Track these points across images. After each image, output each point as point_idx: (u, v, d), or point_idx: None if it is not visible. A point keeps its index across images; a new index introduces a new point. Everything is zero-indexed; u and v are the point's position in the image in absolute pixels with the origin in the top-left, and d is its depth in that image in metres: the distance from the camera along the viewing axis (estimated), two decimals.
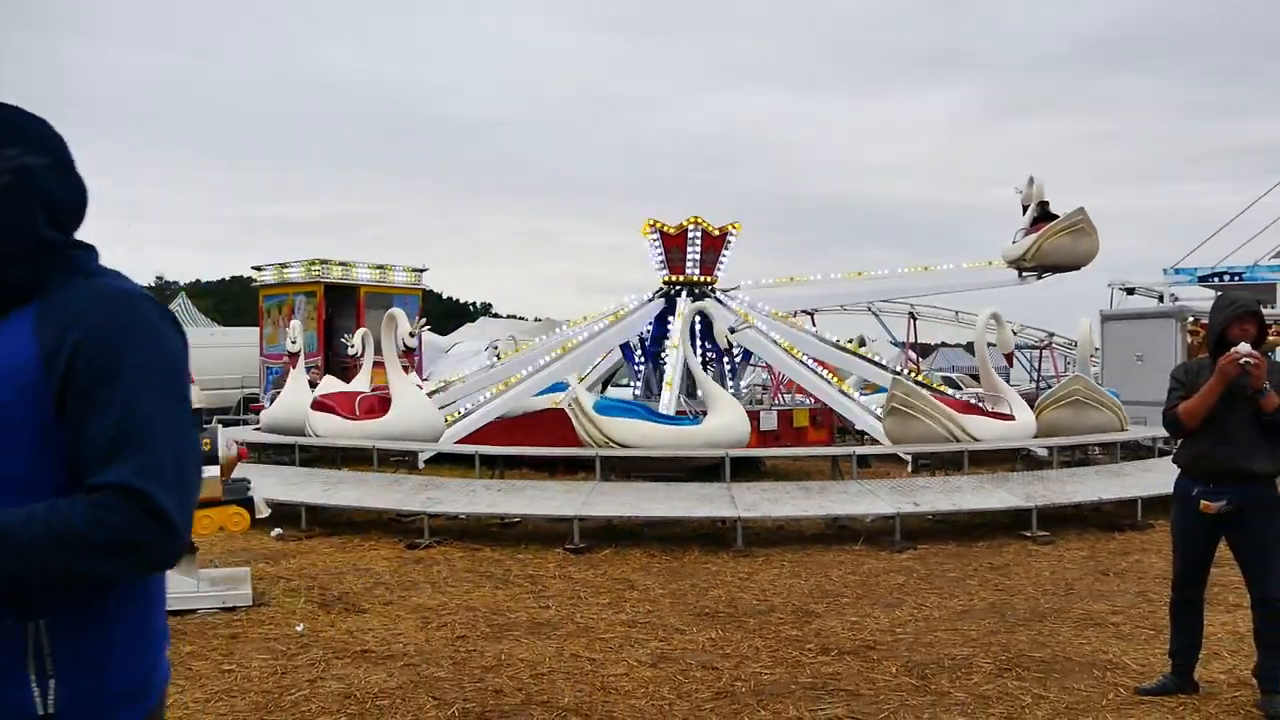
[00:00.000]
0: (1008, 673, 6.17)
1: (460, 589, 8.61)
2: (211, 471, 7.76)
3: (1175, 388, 5.58)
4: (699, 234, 17.25)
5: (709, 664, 6.42)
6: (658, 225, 17.49)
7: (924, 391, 13.32)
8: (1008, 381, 16.40)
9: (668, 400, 14.72)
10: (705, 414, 13.02)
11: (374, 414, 13.82)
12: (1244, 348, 5.21)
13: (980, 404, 14.10)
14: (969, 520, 11.31)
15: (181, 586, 7.67)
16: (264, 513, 8.20)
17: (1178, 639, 5.74)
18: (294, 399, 15.12)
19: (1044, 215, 16.70)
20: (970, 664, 6.36)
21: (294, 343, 16.42)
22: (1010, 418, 13.39)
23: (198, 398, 8.19)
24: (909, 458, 13.36)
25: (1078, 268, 16.92)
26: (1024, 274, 17.15)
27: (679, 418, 13.30)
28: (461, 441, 14.17)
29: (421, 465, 13.61)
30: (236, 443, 8.41)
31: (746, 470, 14.66)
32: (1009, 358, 14.70)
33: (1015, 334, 14.95)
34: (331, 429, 13.78)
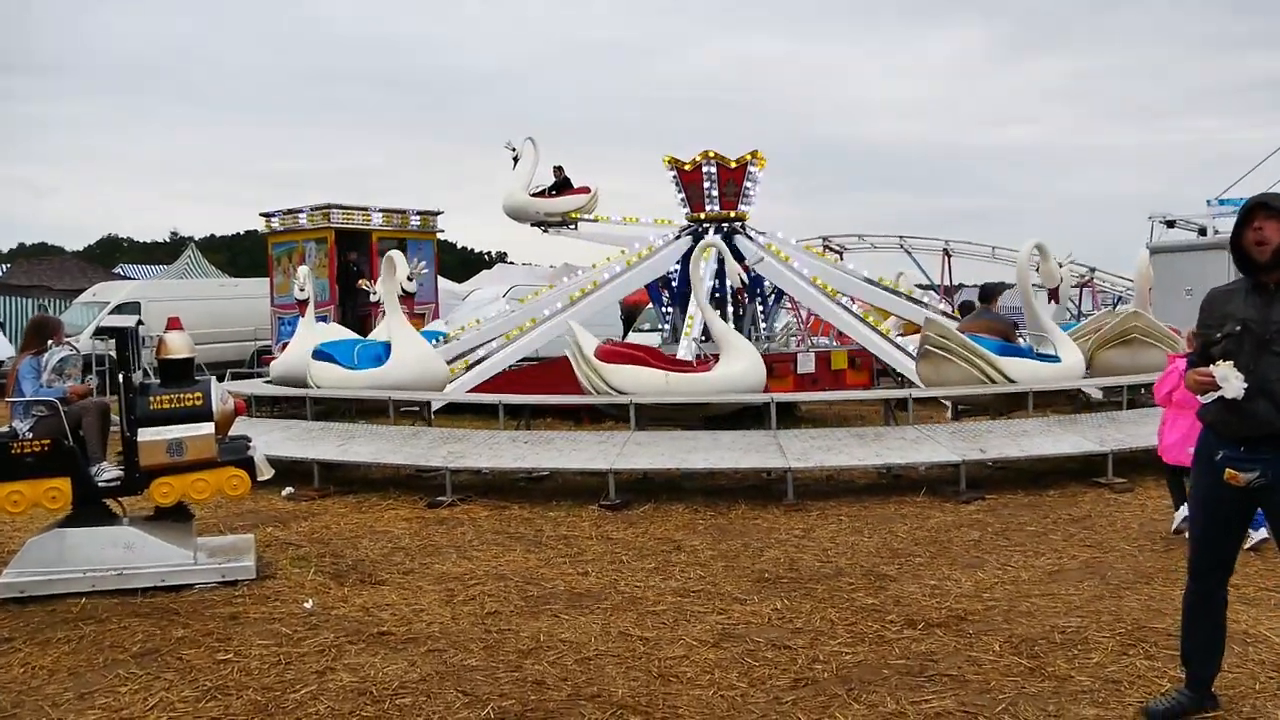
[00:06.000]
0: (1133, 649, 5.28)
1: (488, 553, 7.77)
2: (205, 429, 6.89)
3: (1198, 329, 4.43)
4: (714, 168, 16.28)
5: (779, 642, 5.55)
6: (674, 162, 16.58)
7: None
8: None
9: (684, 345, 13.80)
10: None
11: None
12: (1220, 371, 4.11)
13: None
14: (1033, 466, 10.41)
15: (176, 558, 6.86)
16: (266, 474, 7.29)
17: (1191, 639, 4.51)
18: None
19: (567, 181, 19.51)
20: (1085, 639, 5.46)
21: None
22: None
23: (189, 348, 7.25)
24: (948, 404, 12.38)
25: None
26: (548, 228, 19.72)
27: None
28: (482, 389, 13.28)
29: (432, 416, 12.71)
30: (232, 395, 7.48)
31: (781, 416, 13.76)
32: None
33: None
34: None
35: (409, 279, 13.00)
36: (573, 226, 19.53)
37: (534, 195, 19.10)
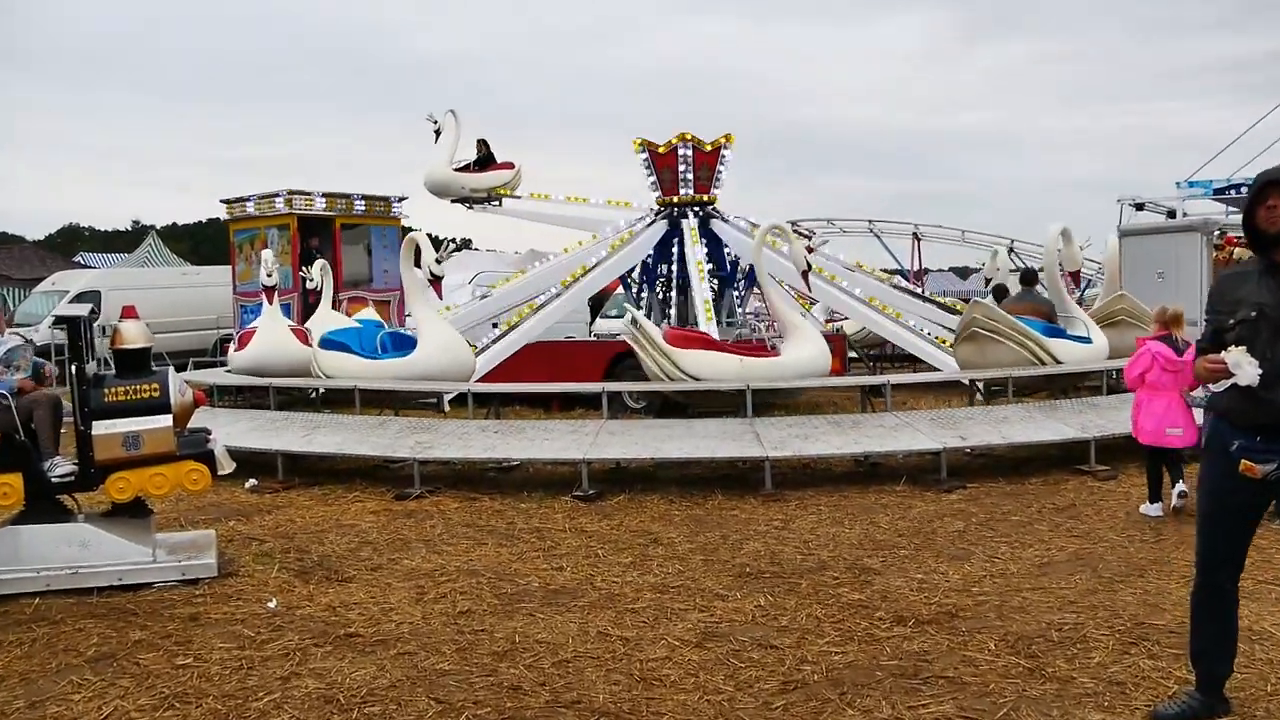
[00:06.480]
0: (1134, 648, 5.08)
1: (459, 547, 7.51)
2: (163, 421, 6.59)
3: (1207, 315, 4.22)
4: (689, 151, 16.05)
5: (765, 641, 5.33)
6: (647, 145, 16.33)
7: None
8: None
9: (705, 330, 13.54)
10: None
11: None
12: (1232, 357, 3.89)
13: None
14: (1013, 454, 10.24)
15: (134, 556, 6.56)
16: (227, 468, 6.98)
17: (1200, 639, 4.29)
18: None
19: (490, 156, 19.24)
20: (1084, 636, 5.26)
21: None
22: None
23: (145, 337, 6.92)
24: (979, 385, 12.25)
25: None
26: (472, 205, 19.45)
27: None
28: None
29: (446, 409, 12.31)
30: (191, 386, 7.17)
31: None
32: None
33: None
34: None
35: (437, 261, 12.44)
36: (497, 203, 19.26)
37: (457, 170, 18.86)
